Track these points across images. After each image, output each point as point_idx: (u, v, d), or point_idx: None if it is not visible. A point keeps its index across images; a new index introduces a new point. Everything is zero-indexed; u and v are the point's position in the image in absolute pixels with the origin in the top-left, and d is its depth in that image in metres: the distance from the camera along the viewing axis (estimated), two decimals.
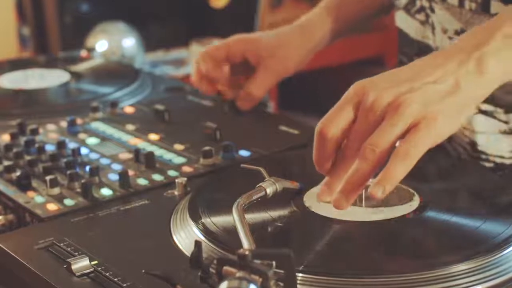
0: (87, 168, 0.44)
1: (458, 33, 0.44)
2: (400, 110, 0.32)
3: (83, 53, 0.71)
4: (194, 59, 0.54)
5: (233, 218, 0.33)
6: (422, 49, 0.47)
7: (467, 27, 0.43)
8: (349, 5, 0.53)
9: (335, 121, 0.34)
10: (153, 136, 0.50)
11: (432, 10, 0.45)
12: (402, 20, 0.48)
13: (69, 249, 0.35)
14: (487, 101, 0.39)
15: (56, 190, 0.42)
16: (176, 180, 0.41)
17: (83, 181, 0.42)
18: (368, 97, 0.33)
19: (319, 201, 0.35)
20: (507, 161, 0.44)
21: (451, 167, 0.41)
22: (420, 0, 0.46)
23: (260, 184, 0.36)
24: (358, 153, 0.33)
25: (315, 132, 0.34)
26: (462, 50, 0.34)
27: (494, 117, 0.43)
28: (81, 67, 0.66)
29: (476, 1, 0.42)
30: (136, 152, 0.46)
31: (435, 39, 0.46)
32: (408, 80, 0.34)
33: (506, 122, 0.43)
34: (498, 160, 0.44)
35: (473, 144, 0.44)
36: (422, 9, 0.46)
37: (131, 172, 0.44)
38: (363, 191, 0.36)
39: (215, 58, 0.52)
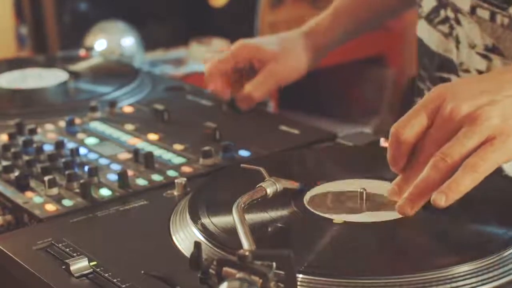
0: (86, 168, 0.44)
1: (488, 49, 0.43)
2: (478, 122, 0.32)
3: (82, 52, 0.71)
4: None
5: (233, 219, 0.33)
6: (445, 64, 0.46)
7: (498, 43, 0.42)
8: (359, 11, 0.53)
9: (410, 124, 0.34)
10: (153, 136, 0.50)
11: (458, 22, 0.43)
12: (423, 30, 0.47)
13: (67, 249, 0.35)
14: None
15: (54, 191, 0.42)
16: (176, 181, 0.41)
17: (81, 181, 0.42)
18: (447, 105, 0.33)
19: (390, 200, 0.35)
20: None
21: None
22: (444, 10, 0.45)
23: (260, 184, 0.36)
24: (430, 159, 0.32)
25: (390, 132, 0.34)
26: None
27: None
28: (79, 66, 0.65)
29: (510, 16, 0.41)
30: (135, 152, 0.46)
31: (459, 54, 0.45)
32: (489, 91, 0.33)
33: None
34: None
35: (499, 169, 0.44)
36: (446, 20, 0.45)
37: (130, 172, 0.44)
38: (364, 192, 0.36)
39: (223, 71, 0.52)
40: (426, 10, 0.47)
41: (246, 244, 0.31)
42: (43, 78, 0.62)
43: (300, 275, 0.30)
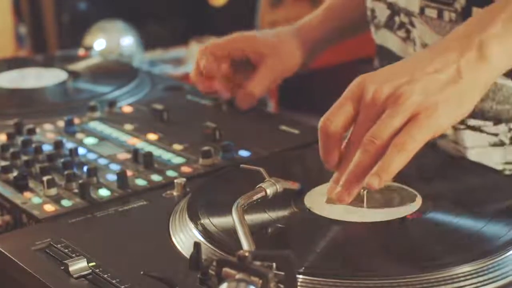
0: (85, 168, 0.43)
1: None
2: (400, 101, 0.32)
3: (81, 51, 0.70)
4: (194, 58, 0.53)
5: (232, 219, 0.33)
6: None
7: None
8: (351, 10, 0.53)
9: (336, 116, 0.34)
10: (152, 136, 0.50)
11: (413, 25, 0.44)
12: (386, 38, 0.48)
13: (66, 250, 0.35)
14: (475, 116, 0.39)
15: (53, 191, 0.41)
16: (175, 181, 0.41)
17: (80, 181, 0.41)
18: (368, 91, 0.33)
19: (329, 198, 0.35)
20: None
21: (454, 167, 0.41)
22: (398, 16, 0.45)
23: (260, 184, 0.36)
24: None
25: (318, 127, 0.34)
26: (461, 38, 0.34)
27: (483, 131, 0.43)
28: (78, 66, 0.65)
29: (456, 10, 0.41)
30: (135, 152, 0.46)
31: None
32: (408, 71, 0.33)
33: (495, 134, 0.43)
34: None
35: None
36: (402, 25, 0.45)
37: (129, 173, 0.43)
38: (365, 192, 0.36)
39: (215, 54, 0.51)
40: (382, 19, 0.47)
41: (246, 244, 0.31)
42: (42, 77, 0.62)
43: (300, 276, 0.30)
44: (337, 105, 0.34)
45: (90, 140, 0.50)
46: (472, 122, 0.43)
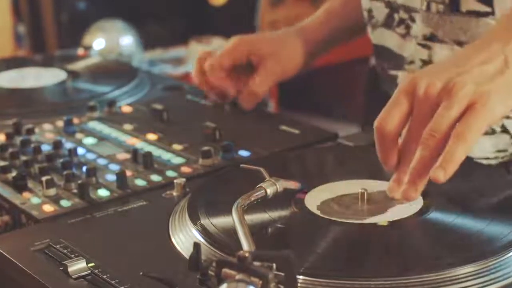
0: (84, 168, 0.43)
1: (426, 38, 0.43)
2: (453, 92, 0.32)
3: (80, 51, 0.70)
4: (195, 59, 0.53)
5: (232, 219, 0.33)
6: (398, 62, 0.46)
7: (437, 30, 0.43)
8: (352, 11, 0.53)
9: (391, 115, 0.34)
10: (151, 136, 0.50)
11: (413, 20, 0.44)
12: (383, 37, 0.48)
13: (65, 251, 0.35)
14: None
15: (52, 191, 0.41)
16: (175, 181, 0.41)
17: (79, 181, 0.41)
18: (420, 86, 0.33)
19: (391, 198, 0.35)
20: (493, 161, 0.44)
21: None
22: (397, 13, 0.45)
23: (260, 184, 0.36)
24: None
25: (374, 129, 0.35)
26: (504, 30, 0.34)
27: None
28: (78, 65, 0.65)
29: (444, 1, 0.42)
30: (134, 152, 0.46)
31: (414, 51, 0.45)
32: (457, 65, 0.34)
33: None
34: (484, 162, 0.44)
35: None
36: (401, 21, 0.45)
37: (128, 173, 0.43)
38: (365, 192, 0.35)
39: (222, 67, 0.52)
40: (380, 18, 0.48)
41: (245, 245, 0.31)
42: (41, 77, 0.62)
43: (301, 277, 0.30)
44: (390, 105, 0.34)
45: (89, 140, 0.49)
46: None
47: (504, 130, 0.43)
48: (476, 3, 0.41)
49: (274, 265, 0.28)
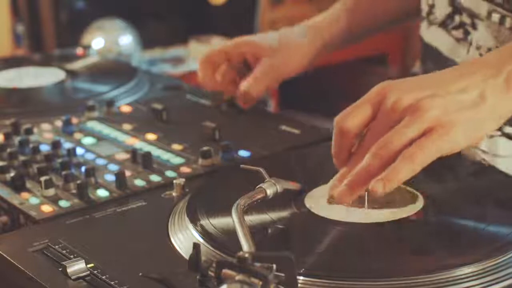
0: (83, 168, 0.43)
1: (489, 51, 0.43)
2: (418, 113, 0.33)
3: (79, 51, 0.70)
4: (194, 58, 0.53)
5: (232, 220, 0.33)
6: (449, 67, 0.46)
7: (502, 46, 0.41)
8: (366, 11, 0.52)
9: (353, 116, 0.34)
10: (151, 136, 0.49)
11: (475, 27, 0.44)
12: (436, 36, 0.47)
13: (64, 251, 0.34)
14: (510, 123, 0.39)
15: (51, 191, 0.41)
16: (174, 181, 0.41)
17: (78, 182, 0.41)
18: (390, 98, 0.33)
19: (330, 196, 0.35)
20: None
21: (456, 167, 0.41)
22: (460, 15, 0.45)
23: (260, 185, 0.36)
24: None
25: (333, 123, 0.35)
26: (490, 64, 0.34)
27: None
28: (76, 65, 0.65)
29: None
30: (133, 152, 0.46)
31: (467, 57, 0.44)
32: (432, 86, 0.33)
33: None
34: None
35: None
36: (461, 25, 0.45)
37: (128, 173, 0.43)
38: (366, 193, 0.35)
39: (215, 63, 0.51)
40: (439, 16, 0.46)
41: (245, 245, 0.31)
42: (39, 77, 0.61)
43: (301, 277, 0.30)
44: (356, 105, 0.34)
45: (88, 140, 0.49)
46: (508, 129, 0.43)
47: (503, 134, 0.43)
48: None
49: (274, 265, 0.28)
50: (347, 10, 0.52)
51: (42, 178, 0.41)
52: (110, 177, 0.43)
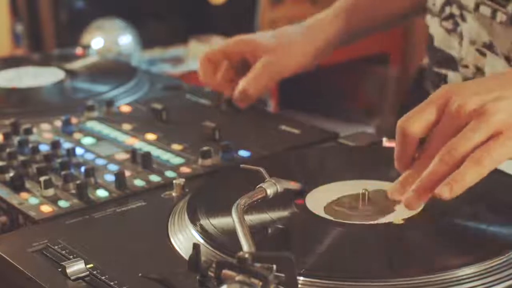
0: (82, 168, 0.43)
1: (486, 46, 0.43)
2: (485, 117, 0.32)
3: (78, 50, 0.70)
4: (194, 58, 0.53)
5: (232, 220, 0.33)
6: (443, 60, 0.46)
7: (494, 41, 0.42)
8: (365, 11, 0.52)
9: (417, 119, 0.34)
10: (150, 136, 0.49)
11: (464, 19, 0.44)
12: (435, 28, 0.47)
13: (63, 252, 0.34)
14: None
15: (50, 191, 0.41)
16: (174, 181, 0.41)
17: (78, 182, 0.41)
18: (455, 101, 0.33)
19: (391, 199, 0.35)
20: None
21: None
22: (450, 6, 0.45)
23: (261, 185, 0.35)
24: (435, 154, 0.33)
25: (396, 127, 0.34)
26: None
27: None
28: (76, 65, 0.65)
29: (507, 12, 0.41)
30: (133, 152, 0.45)
31: (461, 50, 0.45)
32: (497, 89, 0.33)
33: None
34: None
35: None
36: (451, 16, 0.45)
37: (127, 173, 0.43)
38: (366, 193, 0.35)
39: (215, 61, 0.51)
40: (437, 6, 0.46)
41: (245, 246, 0.30)
42: (39, 76, 0.61)
43: (301, 278, 0.30)
44: (419, 108, 0.34)
45: (87, 140, 0.49)
46: None
47: None
48: None
49: (275, 266, 0.28)
50: (346, 10, 0.52)
51: (42, 178, 0.41)
52: (110, 177, 0.43)
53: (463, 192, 0.33)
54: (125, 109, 0.55)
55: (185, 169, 0.44)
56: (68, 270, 0.32)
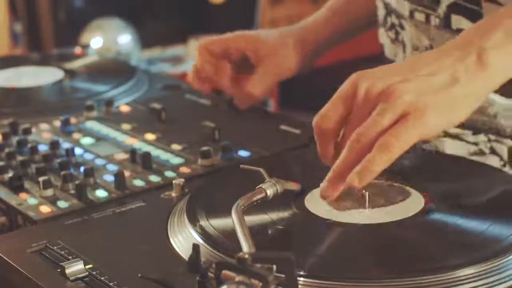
0: (82, 169, 0.43)
1: (427, 50, 0.43)
2: (390, 99, 0.32)
3: (77, 50, 0.70)
4: (194, 58, 0.52)
5: (232, 221, 0.33)
6: None
7: (433, 44, 0.42)
8: (358, 7, 0.52)
9: (329, 113, 0.34)
10: (150, 136, 0.49)
11: (402, 27, 0.44)
12: (383, 37, 0.48)
13: (63, 252, 0.34)
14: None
15: (49, 192, 0.41)
16: (174, 181, 0.40)
17: (77, 182, 0.41)
18: (361, 87, 0.33)
19: (323, 199, 0.35)
20: None
21: (457, 167, 0.41)
22: (390, 17, 0.45)
23: (260, 185, 0.35)
24: None
25: (313, 127, 0.35)
26: (460, 46, 0.34)
27: (462, 140, 0.43)
28: (75, 64, 0.64)
29: (439, 16, 0.41)
30: (132, 152, 0.45)
31: (405, 57, 0.45)
32: (403, 72, 0.33)
33: (475, 144, 0.42)
34: None
35: None
36: (392, 26, 0.45)
37: (127, 173, 0.43)
38: (366, 193, 0.35)
39: (211, 52, 0.50)
40: (380, 18, 0.48)
41: (245, 246, 0.30)
42: (37, 76, 0.61)
43: (301, 278, 0.30)
44: (330, 102, 0.34)
45: (87, 140, 0.49)
46: (452, 130, 0.43)
47: (493, 152, 0.43)
48: (467, 23, 0.40)
49: (274, 266, 0.28)
50: (333, 11, 0.52)
51: (41, 179, 0.41)
52: (109, 178, 0.43)
53: (463, 192, 0.33)
54: (125, 109, 0.55)
55: (184, 169, 0.44)
56: (67, 271, 0.32)
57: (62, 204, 0.40)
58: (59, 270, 0.33)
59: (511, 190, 0.37)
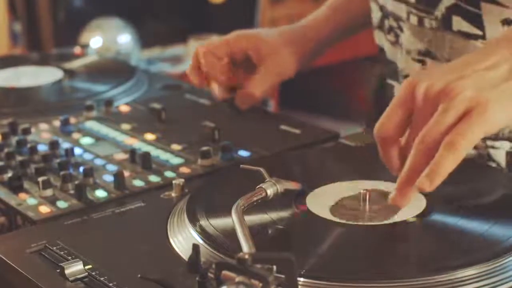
0: (81, 169, 0.43)
1: (421, 53, 0.43)
2: (452, 96, 0.31)
3: (77, 50, 0.70)
4: (192, 55, 0.52)
5: (232, 221, 0.33)
6: (393, 70, 0.46)
7: (430, 46, 0.42)
8: (358, 4, 0.52)
9: (390, 119, 0.33)
10: (150, 136, 0.49)
11: (401, 30, 0.44)
12: (381, 40, 0.48)
13: (62, 253, 0.34)
14: None
15: (49, 192, 0.41)
16: (173, 182, 0.40)
17: (76, 182, 0.41)
18: (420, 89, 0.32)
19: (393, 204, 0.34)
20: None
21: (458, 168, 0.41)
22: (388, 20, 0.45)
23: (261, 185, 0.35)
24: None
25: (374, 135, 0.34)
26: (510, 39, 0.33)
27: None
28: (74, 64, 0.64)
29: (436, 18, 0.41)
30: (132, 152, 0.45)
31: (401, 60, 0.45)
32: (458, 69, 0.32)
33: (474, 148, 0.42)
34: None
35: None
36: (391, 29, 0.45)
37: (126, 173, 0.43)
38: (367, 194, 0.35)
39: (215, 55, 0.51)
40: (375, 20, 0.47)
41: (245, 246, 0.30)
42: (37, 76, 0.61)
43: (301, 279, 0.30)
44: (389, 108, 0.33)
45: (86, 140, 0.49)
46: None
47: (490, 159, 0.42)
48: (467, 25, 0.40)
49: (275, 267, 0.28)
50: (333, 9, 0.52)
51: (40, 179, 0.41)
52: (109, 178, 0.43)
53: (464, 193, 0.33)
54: (124, 108, 0.55)
55: (184, 169, 0.44)
56: (67, 271, 0.32)
57: (61, 204, 0.40)
58: (58, 270, 0.33)
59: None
